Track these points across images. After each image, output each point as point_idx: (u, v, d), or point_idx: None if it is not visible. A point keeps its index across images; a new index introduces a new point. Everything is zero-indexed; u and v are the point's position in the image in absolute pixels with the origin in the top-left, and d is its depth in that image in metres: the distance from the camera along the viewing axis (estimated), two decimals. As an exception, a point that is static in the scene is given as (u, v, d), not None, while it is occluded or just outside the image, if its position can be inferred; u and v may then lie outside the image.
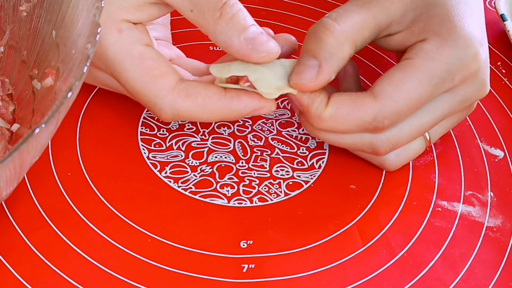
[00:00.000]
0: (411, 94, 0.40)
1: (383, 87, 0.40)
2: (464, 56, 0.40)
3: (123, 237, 0.40)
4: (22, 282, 0.37)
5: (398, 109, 0.40)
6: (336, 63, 0.40)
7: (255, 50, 0.39)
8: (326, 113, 0.40)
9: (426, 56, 0.40)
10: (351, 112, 0.40)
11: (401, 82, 0.39)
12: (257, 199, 0.43)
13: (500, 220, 0.44)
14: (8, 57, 0.45)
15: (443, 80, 0.40)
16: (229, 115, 0.40)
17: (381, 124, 0.40)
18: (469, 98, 0.42)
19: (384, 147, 0.41)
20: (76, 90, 0.33)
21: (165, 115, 0.40)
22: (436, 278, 0.40)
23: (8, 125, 0.42)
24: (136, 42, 0.40)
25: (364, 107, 0.39)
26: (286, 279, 0.39)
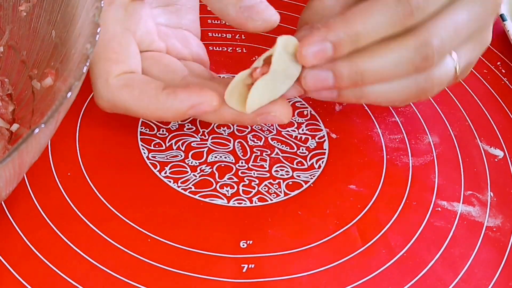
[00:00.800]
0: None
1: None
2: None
3: (122, 237, 0.40)
4: (22, 282, 0.37)
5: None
6: None
7: (250, 18, 0.38)
8: (348, 13, 0.37)
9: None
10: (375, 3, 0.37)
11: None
12: (256, 199, 0.43)
13: (500, 220, 0.44)
14: (8, 57, 0.45)
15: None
16: (166, 112, 0.39)
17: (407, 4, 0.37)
18: (486, 10, 0.40)
19: (435, 44, 0.38)
20: (75, 90, 0.33)
21: (101, 100, 0.40)
22: (436, 278, 0.40)
23: (8, 125, 0.42)
24: (116, 22, 0.40)
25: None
26: (286, 279, 0.39)
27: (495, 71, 0.53)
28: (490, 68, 0.53)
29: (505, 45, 0.55)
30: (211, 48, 0.51)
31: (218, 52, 0.51)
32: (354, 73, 0.38)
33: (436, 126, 0.48)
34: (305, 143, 0.46)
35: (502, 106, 0.51)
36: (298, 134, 0.47)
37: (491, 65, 0.53)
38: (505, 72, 0.53)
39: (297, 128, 0.47)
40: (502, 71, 0.54)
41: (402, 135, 0.47)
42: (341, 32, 0.37)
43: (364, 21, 0.37)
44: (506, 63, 0.54)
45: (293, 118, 0.48)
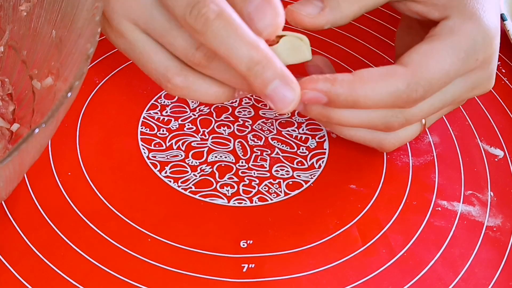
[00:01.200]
0: (441, 64, 0.39)
1: (412, 57, 0.39)
2: (486, 36, 0.40)
3: (122, 237, 0.40)
4: (22, 282, 0.37)
5: (430, 78, 0.39)
6: (338, 15, 0.40)
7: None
8: (356, 80, 0.38)
9: (451, 32, 0.40)
10: (383, 79, 0.39)
11: (430, 53, 0.39)
12: (257, 199, 0.43)
13: (500, 219, 0.44)
14: (8, 57, 0.45)
15: (469, 57, 0.40)
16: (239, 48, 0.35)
17: (415, 93, 0.39)
18: (478, 86, 0.42)
19: (398, 122, 0.41)
20: (76, 90, 0.33)
21: (210, 9, 0.34)
22: (436, 277, 0.40)
23: (8, 125, 0.42)
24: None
25: (397, 75, 0.39)
26: (286, 279, 0.39)
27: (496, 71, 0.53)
28: (490, 68, 0.53)
29: (505, 45, 0.55)
30: None
31: None
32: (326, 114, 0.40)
33: (436, 126, 0.48)
34: (305, 143, 0.46)
35: (502, 106, 0.51)
36: (298, 134, 0.47)
37: (491, 65, 0.53)
38: (505, 72, 0.53)
39: (297, 128, 0.47)
40: (502, 71, 0.54)
41: (402, 135, 0.47)
42: (343, 96, 0.39)
43: (368, 93, 0.39)
44: (506, 63, 0.54)
45: (293, 118, 0.48)
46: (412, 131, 0.44)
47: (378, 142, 0.43)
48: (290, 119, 0.48)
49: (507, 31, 0.53)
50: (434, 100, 0.41)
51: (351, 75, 0.39)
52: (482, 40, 0.40)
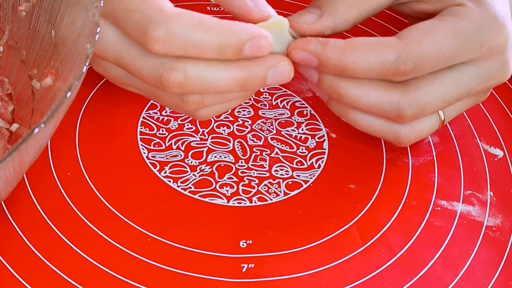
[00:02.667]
0: (436, 42, 0.39)
1: (410, 32, 0.40)
2: (493, 25, 0.40)
3: (122, 237, 0.40)
4: (22, 282, 0.37)
5: (422, 53, 0.39)
6: (337, 20, 0.40)
7: (257, 9, 0.39)
8: (347, 46, 0.39)
9: (456, 14, 0.40)
10: (374, 48, 0.39)
11: (429, 30, 0.40)
12: (256, 199, 0.43)
13: (499, 219, 0.44)
14: (8, 57, 0.45)
15: (470, 42, 0.40)
16: (227, 41, 0.36)
17: (403, 66, 0.39)
18: (493, 76, 0.42)
19: (410, 110, 0.40)
20: (75, 90, 0.33)
21: (158, 32, 0.36)
22: (436, 277, 0.40)
23: (8, 125, 0.42)
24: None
25: (388, 45, 0.39)
26: (286, 279, 0.39)
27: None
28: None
29: (504, 45, 0.55)
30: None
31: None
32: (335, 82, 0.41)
33: (436, 126, 0.48)
34: (305, 143, 0.46)
35: (502, 105, 0.51)
36: (298, 134, 0.47)
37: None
38: (504, 72, 0.53)
39: (297, 127, 0.47)
40: (501, 71, 0.53)
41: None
42: (332, 59, 0.39)
43: (357, 60, 0.39)
44: (505, 62, 0.54)
45: (292, 117, 0.48)
46: (430, 124, 0.43)
47: (394, 135, 0.43)
48: (289, 119, 0.48)
49: (506, 30, 0.53)
50: (447, 87, 0.41)
51: (343, 41, 0.39)
52: (487, 28, 0.40)
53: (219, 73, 0.37)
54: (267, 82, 0.38)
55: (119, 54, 0.40)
